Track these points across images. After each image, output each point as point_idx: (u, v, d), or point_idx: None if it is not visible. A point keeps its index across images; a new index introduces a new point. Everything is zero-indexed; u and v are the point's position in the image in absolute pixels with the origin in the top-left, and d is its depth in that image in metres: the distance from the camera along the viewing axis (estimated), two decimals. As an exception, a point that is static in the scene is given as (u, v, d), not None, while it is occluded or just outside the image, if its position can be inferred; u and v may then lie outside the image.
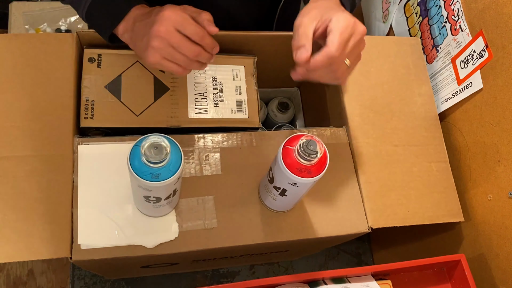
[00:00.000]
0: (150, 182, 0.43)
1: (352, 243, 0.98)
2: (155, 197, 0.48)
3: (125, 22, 0.54)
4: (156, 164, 0.43)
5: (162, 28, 0.49)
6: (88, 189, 0.55)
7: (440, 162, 0.68)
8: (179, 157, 0.45)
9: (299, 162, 0.47)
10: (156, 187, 0.44)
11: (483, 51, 0.64)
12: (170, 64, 0.52)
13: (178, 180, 0.47)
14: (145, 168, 0.43)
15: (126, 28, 0.54)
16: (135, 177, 0.43)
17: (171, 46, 0.50)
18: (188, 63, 0.52)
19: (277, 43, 0.70)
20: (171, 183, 0.45)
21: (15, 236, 0.52)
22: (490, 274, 0.65)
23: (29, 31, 1.24)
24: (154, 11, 0.51)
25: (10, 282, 1.15)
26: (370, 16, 1.02)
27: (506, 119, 0.61)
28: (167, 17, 0.49)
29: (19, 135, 0.55)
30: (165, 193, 0.48)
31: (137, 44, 0.53)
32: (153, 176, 0.43)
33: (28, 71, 0.58)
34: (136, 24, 0.53)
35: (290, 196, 0.53)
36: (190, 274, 0.90)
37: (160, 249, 0.55)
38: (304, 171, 0.48)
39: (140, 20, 0.53)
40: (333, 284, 0.57)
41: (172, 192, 0.49)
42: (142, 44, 0.52)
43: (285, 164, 0.48)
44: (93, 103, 0.60)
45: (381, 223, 0.61)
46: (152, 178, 0.43)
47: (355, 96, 0.68)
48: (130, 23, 0.54)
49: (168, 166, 0.44)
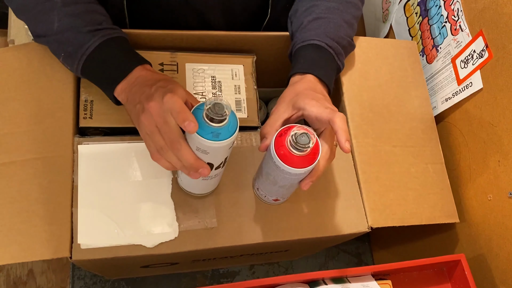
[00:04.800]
0: (211, 141, 0.45)
1: (352, 243, 0.98)
2: (209, 163, 0.49)
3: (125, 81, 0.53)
4: (218, 124, 0.44)
5: (146, 121, 0.48)
6: (88, 189, 0.55)
7: (436, 164, 0.68)
8: (235, 119, 0.46)
9: (291, 152, 0.47)
10: (216, 147, 0.46)
11: (483, 51, 0.64)
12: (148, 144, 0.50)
13: (233, 144, 0.48)
14: (207, 127, 0.45)
15: (123, 89, 0.53)
16: (197, 137, 0.45)
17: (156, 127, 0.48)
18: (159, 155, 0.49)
19: (277, 43, 0.70)
20: (229, 144, 0.46)
21: (17, 238, 0.52)
22: (490, 274, 0.65)
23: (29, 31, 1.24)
24: (155, 87, 0.49)
25: (10, 282, 1.15)
26: (370, 16, 1.02)
27: (506, 119, 0.61)
28: (154, 110, 0.47)
29: (25, 140, 0.56)
30: (220, 157, 0.49)
31: (131, 112, 0.52)
32: (214, 135, 0.45)
33: (33, 76, 0.59)
34: (133, 89, 0.52)
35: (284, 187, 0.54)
36: (190, 274, 0.90)
37: (160, 249, 0.55)
38: (296, 161, 0.48)
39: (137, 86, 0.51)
40: (333, 284, 0.57)
41: (224, 160, 0.50)
42: (134, 111, 0.51)
43: (278, 155, 0.48)
44: (92, 103, 0.60)
45: (381, 223, 0.61)
46: (213, 137, 0.45)
47: (354, 96, 0.68)
48: (130, 83, 0.53)
49: (228, 127, 0.45)
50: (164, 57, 0.65)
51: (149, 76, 0.53)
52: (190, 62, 0.66)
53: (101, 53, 0.54)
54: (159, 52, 0.65)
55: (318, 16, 0.62)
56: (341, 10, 0.63)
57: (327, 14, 0.62)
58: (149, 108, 0.47)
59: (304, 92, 0.54)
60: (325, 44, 0.60)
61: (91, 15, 0.55)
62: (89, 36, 0.54)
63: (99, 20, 0.55)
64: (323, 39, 0.60)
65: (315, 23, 0.62)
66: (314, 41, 0.60)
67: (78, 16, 0.54)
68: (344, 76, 0.69)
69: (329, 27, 0.61)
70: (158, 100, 0.47)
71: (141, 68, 0.54)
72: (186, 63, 0.66)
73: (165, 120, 0.46)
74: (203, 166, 0.48)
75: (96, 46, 0.53)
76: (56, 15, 0.54)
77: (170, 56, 0.65)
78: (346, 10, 0.63)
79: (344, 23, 0.63)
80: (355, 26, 0.66)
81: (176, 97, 0.46)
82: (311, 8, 0.63)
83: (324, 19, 0.62)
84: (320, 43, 0.60)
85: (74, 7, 0.54)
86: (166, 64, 0.65)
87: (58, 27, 0.54)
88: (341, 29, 0.62)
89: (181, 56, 0.66)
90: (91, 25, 0.54)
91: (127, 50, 0.56)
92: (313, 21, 0.62)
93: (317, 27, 0.61)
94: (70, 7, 0.54)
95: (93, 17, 0.55)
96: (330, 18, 0.62)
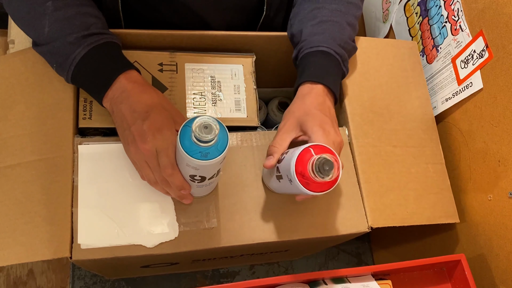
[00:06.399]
0: (200, 160, 0.45)
1: (352, 243, 0.98)
2: (201, 176, 0.50)
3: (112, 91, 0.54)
4: (206, 143, 0.44)
5: (144, 146, 0.50)
6: (88, 189, 0.55)
7: (436, 164, 0.68)
8: (225, 137, 0.47)
9: (312, 178, 0.47)
10: (204, 165, 0.46)
11: (483, 51, 0.64)
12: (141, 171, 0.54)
13: (223, 160, 0.49)
14: (195, 147, 0.45)
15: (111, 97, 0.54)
16: (186, 156, 0.45)
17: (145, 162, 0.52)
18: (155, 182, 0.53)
19: (276, 43, 0.70)
20: (218, 162, 0.47)
21: (20, 239, 0.52)
22: (490, 274, 0.65)
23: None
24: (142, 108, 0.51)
25: (10, 282, 1.15)
26: (370, 16, 1.02)
27: (506, 119, 0.61)
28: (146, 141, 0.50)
29: (29, 142, 0.57)
30: (211, 172, 0.50)
31: (118, 129, 0.54)
32: (203, 155, 0.45)
33: (37, 79, 0.59)
34: (119, 106, 0.53)
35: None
36: (190, 274, 0.90)
37: (160, 249, 0.55)
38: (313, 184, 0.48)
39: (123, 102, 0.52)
40: (333, 284, 0.57)
41: (216, 172, 0.51)
42: (123, 135, 0.53)
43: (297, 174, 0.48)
44: (91, 103, 0.60)
45: (381, 223, 0.61)
46: (202, 157, 0.45)
47: (355, 96, 0.68)
48: (116, 93, 0.54)
49: (216, 146, 0.46)
50: (164, 57, 0.65)
51: (137, 95, 0.53)
52: (189, 62, 0.66)
53: (85, 64, 0.54)
54: (158, 52, 0.65)
55: (322, 19, 0.62)
56: (344, 12, 0.63)
57: (331, 17, 0.62)
58: (142, 150, 0.50)
59: (313, 113, 0.55)
60: (333, 51, 0.61)
61: (81, 18, 0.55)
62: (75, 47, 0.54)
63: (87, 24, 0.55)
64: (331, 46, 0.61)
65: (320, 27, 0.62)
66: (322, 47, 0.60)
67: (67, 21, 0.54)
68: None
69: (334, 31, 0.62)
70: (151, 145, 0.49)
71: (125, 76, 0.54)
72: (185, 63, 0.65)
73: (157, 163, 0.50)
74: (188, 197, 0.54)
75: (81, 57, 0.54)
76: (47, 20, 0.54)
77: (169, 56, 0.65)
78: (348, 11, 0.64)
79: (347, 26, 0.63)
80: (356, 27, 0.66)
81: (170, 154, 0.49)
82: (314, 11, 0.63)
83: (329, 23, 0.62)
84: (328, 50, 0.60)
85: (64, 11, 0.54)
86: (166, 64, 0.65)
87: (49, 32, 0.54)
88: (346, 32, 0.63)
89: (181, 56, 0.66)
90: (78, 31, 0.54)
91: (111, 57, 0.56)
92: (317, 25, 0.62)
93: (322, 32, 0.62)
94: (61, 11, 0.54)
95: (83, 20, 0.55)
96: (334, 22, 0.62)
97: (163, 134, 0.50)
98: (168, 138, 0.50)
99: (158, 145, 0.49)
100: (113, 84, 0.53)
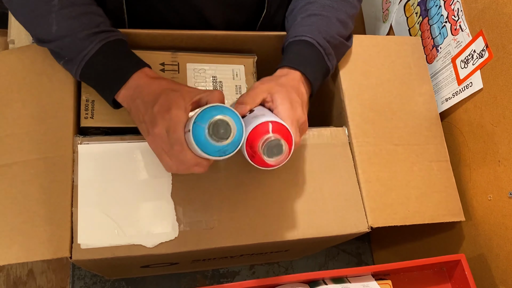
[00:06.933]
0: (219, 157, 0.45)
1: (352, 243, 0.98)
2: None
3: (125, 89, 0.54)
4: (224, 141, 0.44)
5: (157, 130, 0.49)
6: (88, 188, 0.55)
7: (441, 162, 0.68)
8: (240, 127, 0.46)
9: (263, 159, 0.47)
10: (223, 159, 0.46)
11: (483, 51, 0.64)
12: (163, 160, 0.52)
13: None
14: (213, 147, 0.44)
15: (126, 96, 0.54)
16: (203, 155, 0.45)
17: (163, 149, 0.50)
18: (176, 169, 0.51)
19: (277, 43, 0.70)
20: (235, 153, 0.47)
21: (18, 239, 0.52)
22: (490, 274, 0.65)
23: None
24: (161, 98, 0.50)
25: (10, 282, 1.15)
26: (370, 16, 1.02)
27: (506, 119, 0.61)
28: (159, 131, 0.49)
29: (27, 140, 0.56)
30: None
31: (137, 125, 0.54)
32: (221, 152, 0.45)
33: (36, 77, 0.59)
34: (136, 101, 0.53)
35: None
36: (190, 274, 0.90)
37: (160, 249, 0.55)
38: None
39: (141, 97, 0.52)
40: (333, 284, 0.57)
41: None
42: (141, 129, 0.53)
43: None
44: (93, 103, 0.60)
45: (381, 223, 0.61)
46: (220, 154, 0.45)
47: (355, 95, 0.68)
48: (130, 92, 0.54)
49: (234, 140, 0.45)
50: (165, 57, 0.65)
51: (148, 86, 0.53)
52: (191, 62, 0.66)
53: (98, 60, 0.54)
54: (160, 52, 0.65)
55: (312, 13, 0.63)
56: (335, 8, 0.63)
57: (321, 11, 0.63)
58: (154, 135, 0.49)
59: (287, 89, 0.55)
60: (316, 42, 0.61)
61: (88, 17, 0.55)
62: (87, 43, 0.54)
63: (96, 22, 0.55)
64: (315, 37, 0.61)
65: (309, 20, 0.63)
66: (306, 37, 0.61)
67: (75, 19, 0.54)
68: (345, 75, 0.69)
69: (322, 25, 0.62)
70: (161, 127, 0.49)
71: (139, 74, 0.54)
72: (187, 63, 0.66)
73: (170, 146, 0.49)
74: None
75: (93, 53, 0.54)
76: (54, 18, 0.54)
77: (171, 56, 0.65)
78: (341, 8, 0.64)
79: (337, 22, 0.63)
80: (350, 25, 0.66)
81: (178, 130, 0.48)
82: (306, 5, 0.64)
83: (318, 16, 0.63)
84: (311, 40, 0.61)
85: (71, 9, 0.54)
86: (167, 64, 0.65)
87: (57, 31, 0.54)
88: (334, 27, 0.63)
89: (182, 56, 0.66)
90: (89, 29, 0.54)
91: (124, 54, 0.56)
92: (306, 17, 0.63)
93: (310, 24, 0.62)
94: (68, 9, 0.54)
95: (91, 19, 0.55)
96: (323, 16, 0.63)
97: (171, 114, 0.48)
98: (175, 117, 0.48)
99: (167, 125, 0.48)
100: (127, 82, 0.53)
